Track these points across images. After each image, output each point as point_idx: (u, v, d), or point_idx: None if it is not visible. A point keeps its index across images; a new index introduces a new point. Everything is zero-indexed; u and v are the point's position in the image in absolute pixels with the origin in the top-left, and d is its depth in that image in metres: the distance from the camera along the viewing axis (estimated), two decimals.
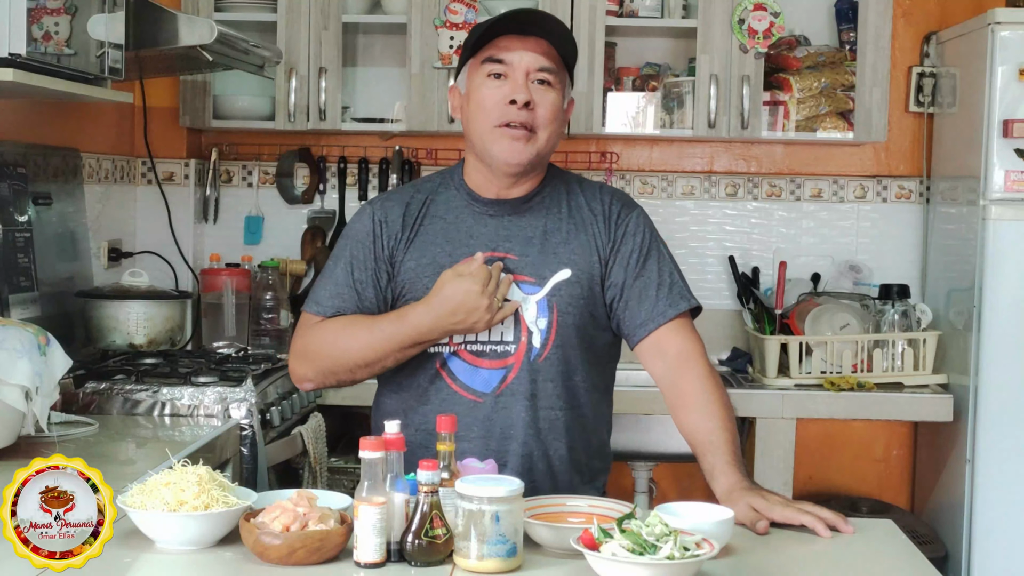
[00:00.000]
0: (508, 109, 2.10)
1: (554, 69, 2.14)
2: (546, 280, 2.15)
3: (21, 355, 2.21)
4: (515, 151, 2.12)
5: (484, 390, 2.15)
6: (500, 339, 2.14)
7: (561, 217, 2.20)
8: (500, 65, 2.12)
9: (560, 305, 2.15)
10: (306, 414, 3.18)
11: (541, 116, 2.12)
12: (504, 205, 2.19)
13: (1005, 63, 3.49)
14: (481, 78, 2.14)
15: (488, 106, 2.12)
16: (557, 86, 2.14)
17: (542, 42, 2.13)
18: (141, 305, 3.23)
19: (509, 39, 2.12)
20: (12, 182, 2.95)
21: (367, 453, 1.73)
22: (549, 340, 2.14)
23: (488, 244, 2.16)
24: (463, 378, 2.15)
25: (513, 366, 2.14)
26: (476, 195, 2.20)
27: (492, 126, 2.12)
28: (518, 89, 2.10)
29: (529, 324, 2.14)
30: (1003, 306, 3.55)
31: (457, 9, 3.74)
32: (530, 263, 2.16)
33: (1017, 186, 3.52)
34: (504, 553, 1.69)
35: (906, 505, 4.08)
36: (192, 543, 1.77)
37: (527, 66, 2.11)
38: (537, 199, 2.20)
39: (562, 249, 2.17)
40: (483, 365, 2.15)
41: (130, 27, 2.81)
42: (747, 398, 3.63)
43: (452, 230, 2.19)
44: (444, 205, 2.22)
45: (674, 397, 2.16)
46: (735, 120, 3.76)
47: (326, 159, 4.11)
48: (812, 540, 1.91)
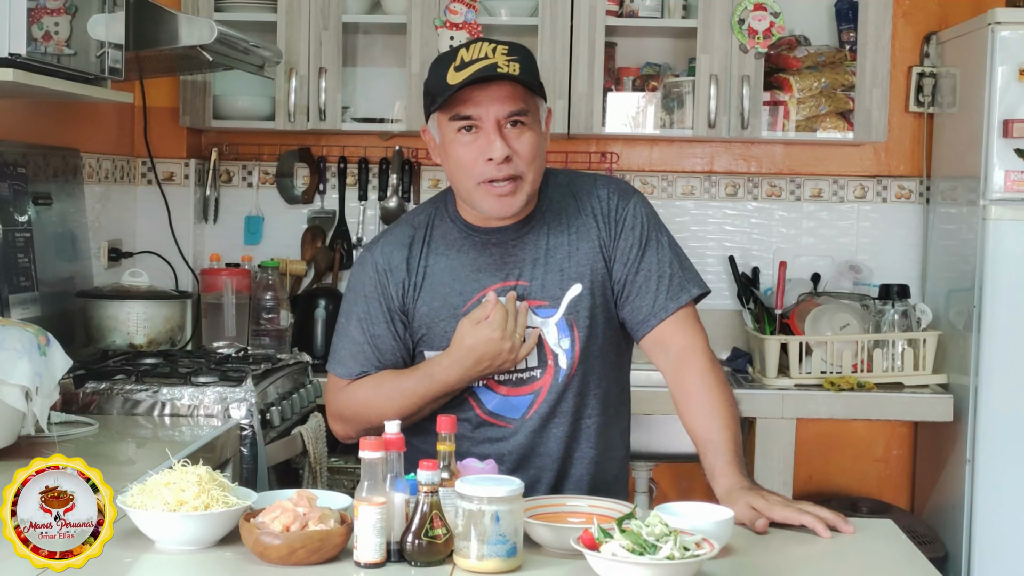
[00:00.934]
0: (488, 166, 2.05)
1: (524, 109, 2.06)
2: (559, 300, 2.14)
3: (21, 355, 2.21)
4: (504, 205, 2.08)
5: (513, 416, 2.16)
6: (526, 366, 2.15)
7: (562, 229, 2.16)
8: (468, 121, 2.05)
9: (579, 322, 2.14)
10: (306, 414, 3.18)
11: (523, 161, 2.06)
12: (504, 232, 2.15)
13: (1005, 63, 3.49)
14: (452, 133, 2.07)
15: (466, 164, 2.06)
16: (531, 120, 2.08)
17: (505, 85, 2.04)
18: (141, 305, 3.23)
19: (471, 91, 2.04)
20: (12, 182, 2.95)
21: (367, 453, 1.73)
22: (575, 359, 2.15)
23: (496, 274, 2.14)
24: (493, 408, 2.16)
25: (541, 390, 2.15)
26: (473, 226, 2.17)
27: (475, 184, 2.07)
28: (493, 146, 2.03)
29: (553, 347, 2.14)
30: (1003, 306, 3.55)
31: (457, 9, 3.74)
32: (540, 286, 2.14)
33: (1017, 186, 3.52)
34: (504, 553, 1.69)
35: (906, 505, 4.08)
36: (192, 543, 1.77)
37: (495, 115, 2.04)
38: (536, 217, 2.17)
39: (568, 264, 2.15)
40: (512, 393, 2.16)
41: (130, 27, 2.81)
42: (747, 398, 3.62)
43: (457, 267, 2.16)
44: (443, 240, 2.18)
45: (678, 394, 2.16)
46: (735, 120, 3.76)
47: (326, 159, 4.11)
48: (812, 540, 1.91)
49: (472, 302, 2.13)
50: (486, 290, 2.13)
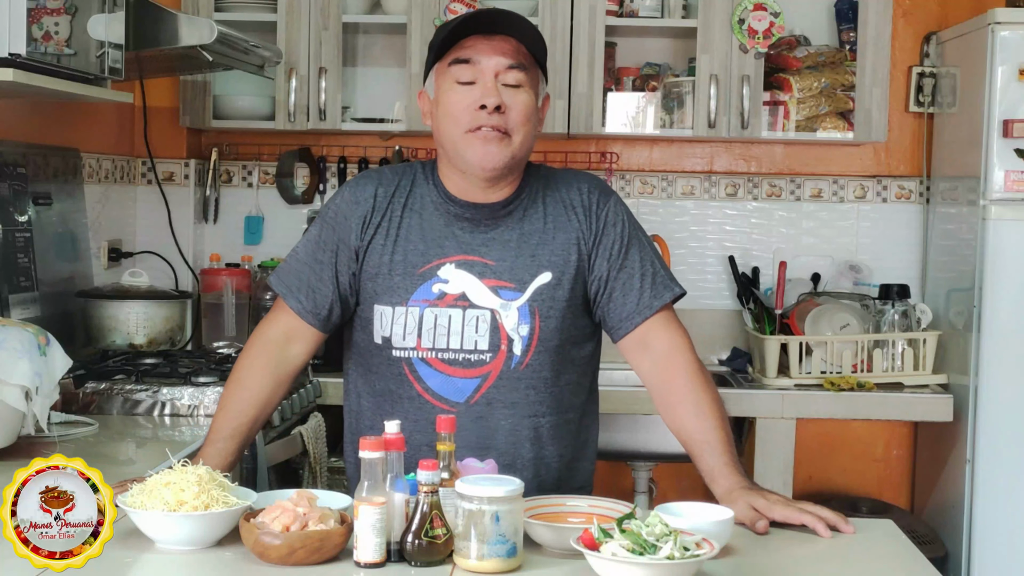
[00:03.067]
0: (478, 114, 2.02)
1: (524, 66, 2.05)
2: (527, 285, 2.09)
3: (21, 355, 2.21)
4: (489, 155, 2.03)
5: (457, 400, 2.08)
6: (474, 347, 2.07)
7: (539, 218, 2.12)
8: (467, 65, 2.04)
9: (542, 310, 2.08)
10: (306, 414, 3.18)
11: (513, 119, 2.04)
12: (481, 210, 2.11)
13: (1005, 63, 3.50)
14: (449, 83, 2.06)
15: (457, 112, 2.04)
16: (528, 85, 2.06)
17: (510, 40, 2.04)
18: (141, 305, 3.23)
19: (475, 39, 2.04)
20: (12, 182, 2.95)
21: (367, 453, 1.73)
22: (531, 347, 2.08)
23: (463, 248, 2.09)
24: (434, 386, 2.08)
25: (489, 375, 2.08)
26: (452, 196, 2.12)
27: (463, 132, 2.04)
28: (488, 93, 2.02)
29: (510, 332, 2.07)
30: (1003, 306, 3.55)
31: (457, 9, 3.73)
32: (508, 268, 2.09)
33: (1017, 186, 3.52)
34: (504, 553, 1.69)
35: (906, 505, 4.08)
36: (192, 543, 1.77)
37: (495, 66, 2.03)
38: (515, 203, 2.12)
39: (541, 251, 2.10)
40: (456, 374, 2.08)
41: (130, 27, 2.81)
42: (747, 398, 3.63)
43: (427, 228, 2.11)
44: (420, 200, 2.13)
45: (664, 395, 2.13)
46: (735, 120, 3.76)
47: (326, 159, 4.11)
48: (812, 540, 1.91)
49: (430, 266, 2.08)
50: (448, 258, 2.09)
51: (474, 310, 2.07)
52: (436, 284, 2.08)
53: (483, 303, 2.07)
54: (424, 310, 2.07)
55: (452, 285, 2.08)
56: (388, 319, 2.09)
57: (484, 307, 2.07)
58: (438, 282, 2.08)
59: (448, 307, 2.07)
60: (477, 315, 2.07)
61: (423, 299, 2.08)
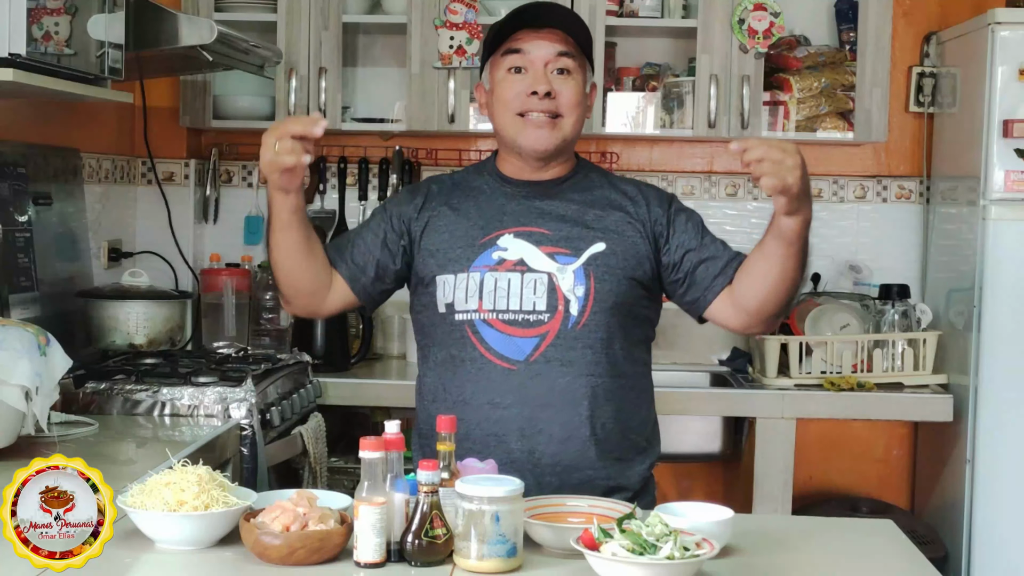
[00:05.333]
0: (529, 100, 2.18)
1: (572, 54, 2.21)
2: (581, 251, 2.19)
3: (21, 355, 2.21)
4: (541, 138, 2.19)
5: (517, 357, 2.17)
6: (532, 308, 2.17)
7: (595, 198, 2.26)
8: (519, 55, 2.20)
9: (597, 273, 2.19)
10: (306, 414, 3.18)
11: (564, 103, 2.20)
12: (536, 187, 2.26)
13: (1005, 63, 3.49)
14: (502, 73, 2.22)
15: (509, 98, 2.20)
16: (576, 72, 2.22)
17: (558, 32, 2.20)
18: (141, 305, 3.23)
19: (526, 33, 2.20)
20: (12, 182, 2.95)
21: (367, 453, 1.73)
22: (587, 307, 2.17)
23: (520, 220, 2.23)
24: (495, 346, 2.18)
25: (548, 334, 2.17)
26: (508, 178, 2.28)
27: (514, 115, 2.20)
28: (538, 80, 2.18)
29: (566, 292, 2.17)
30: (1003, 306, 3.55)
31: (457, 9, 3.74)
32: (564, 236, 2.21)
33: (1017, 186, 3.52)
34: (504, 553, 1.69)
35: (906, 505, 4.08)
36: (192, 543, 1.77)
37: (545, 56, 2.19)
38: (569, 183, 2.27)
39: (596, 224, 2.22)
40: (516, 333, 2.18)
41: (130, 27, 2.81)
42: (747, 398, 3.63)
43: (485, 207, 2.26)
44: (476, 188, 2.30)
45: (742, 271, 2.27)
46: (735, 120, 3.76)
47: (326, 159, 4.11)
48: (812, 540, 1.92)
49: (490, 237, 2.21)
50: (507, 230, 2.21)
51: (532, 274, 2.18)
52: (496, 252, 2.20)
53: (540, 267, 2.19)
54: (484, 274, 2.19)
55: (511, 252, 2.20)
56: (451, 286, 2.20)
57: (541, 271, 2.19)
58: (497, 250, 2.20)
59: (507, 271, 2.19)
60: (535, 278, 2.18)
61: (484, 265, 2.20)
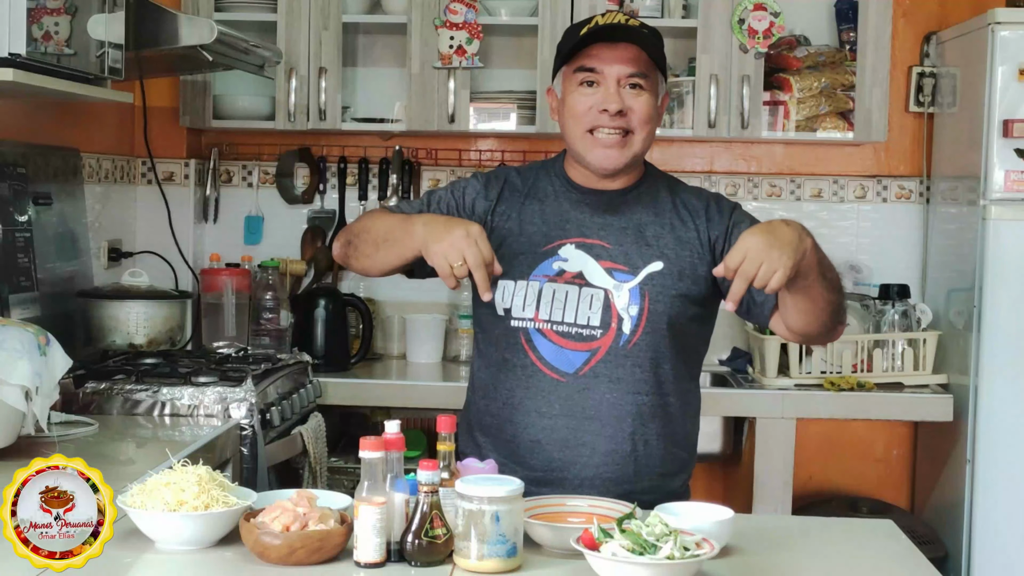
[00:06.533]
0: (600, 116, 2.17)
1: (645, 73, 2.19)
2: (639, 270, 2.19)
3: (21, 355, 2.21)
4: (610, 158, 2.19)
5: (567, 370, 2.18)
6: (587, 323, 2.18)
7: (658, 212, 2.25)
8: (592, 73, 2.18)
9: (652, 294, 2.19)
10: (306, 414, 3.18)
11: (636, 119, 2.18)
12: (602, 196, 2.25)
13: (1005, 63, 3.50)
14: (574, 85, 2.21)
15: (580, 112, 2.19)
16: (649, 87, 2.20)
17: (631, 47, 2.18)
18: (141, 305, 3.23)
19: (600, 47, 2.18)
20: (12, 182, 2.95)
21: (367, 453, 1.73)
22: (640, 327, 2.18)
23: (582, 231, 2.23)
24: (547, 356, 2.19)
25: (599, 350, 2.18)
26: (575, 184, 2.27)
27: (584, 131, 2.19)
28: (610, 98, 2.16)
29: (620, 311, 2.18)
30: (1003, 306, 3.55)
31: (457, 9, 3.74)
32: (623, 252, 2.21)
33: (1017, 186, 3.52)
34: (504, 553, 1.69)
35: (906, 505, 4.08)
36: (192, 543, 1.77)
37: (618, 74, 2.17)
38: (634, 194, 2.26)
39: (656, 243, 2.22)
40: (568, 346, 2.19)
41: (130, 27, 2.81)
42: (747, 398, 3.63)
43: (549, 213, 2.26)
44: (543, 191, 2.29)
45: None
46: (735, 120, 3.76)
47: (326, 159, 4.11)
48: (812, 540, 1.92)
49: (552, 245, 2.21)
50: (569, 240, 2.21)
51: (589, 288, 2.19)
52: (556, 262, 2.21)
53: (598, 283, 2.19)
54: (544, 284, 2.20)
55: (571, 264, 2.20)
56: (510, 292, 2.21)
57: (599, 286, 2.19)
58: (558, 260, 2.21)
59: (566, 284, 2.20)
60: (592, 293, 2.19)
61: (543, 274, 2.21)
